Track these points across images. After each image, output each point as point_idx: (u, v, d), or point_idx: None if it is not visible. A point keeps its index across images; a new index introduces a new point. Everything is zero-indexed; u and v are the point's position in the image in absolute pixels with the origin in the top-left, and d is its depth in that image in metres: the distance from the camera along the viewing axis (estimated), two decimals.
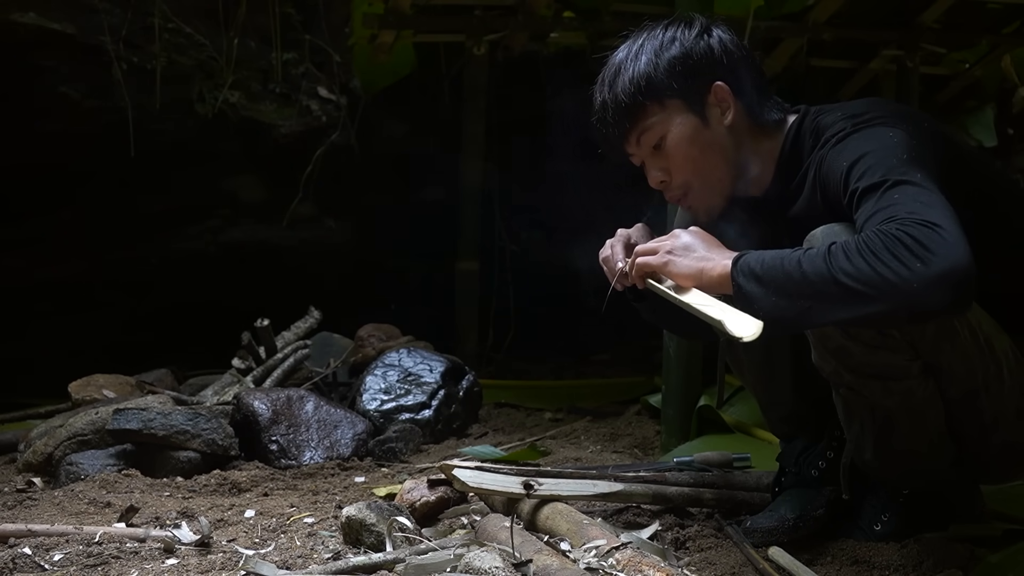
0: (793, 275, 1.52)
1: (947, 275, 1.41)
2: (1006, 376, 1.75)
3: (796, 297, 1.51)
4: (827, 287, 1.48)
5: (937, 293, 1.42)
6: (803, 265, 1.51)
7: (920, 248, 1.42)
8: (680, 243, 1.72)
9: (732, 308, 1.57)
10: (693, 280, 1.66)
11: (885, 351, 1.69)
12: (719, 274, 1.62)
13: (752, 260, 1.58)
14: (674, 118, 1.84)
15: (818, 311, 1.51)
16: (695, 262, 1.67)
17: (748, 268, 1.57)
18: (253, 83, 4.40)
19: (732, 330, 1.51)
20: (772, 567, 1.75)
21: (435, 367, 3.43)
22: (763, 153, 1.88)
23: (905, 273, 1.42)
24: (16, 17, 3.80)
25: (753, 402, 2.47)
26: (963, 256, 1.42)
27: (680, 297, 1.68)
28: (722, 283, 1.62)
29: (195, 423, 2.77)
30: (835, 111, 1.80)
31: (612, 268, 1.89)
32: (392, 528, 1.83)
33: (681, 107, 1.84)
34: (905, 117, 1.71)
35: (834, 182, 1.67)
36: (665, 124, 1.85)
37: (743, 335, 1.50)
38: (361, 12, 4.34)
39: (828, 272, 1.48)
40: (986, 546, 1.78)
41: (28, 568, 1.77)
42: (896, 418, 1.78)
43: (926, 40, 4.60)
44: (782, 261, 1.54)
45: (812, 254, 1.52)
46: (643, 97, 1.84)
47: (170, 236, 4.54)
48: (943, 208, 1.48)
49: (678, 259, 1.70)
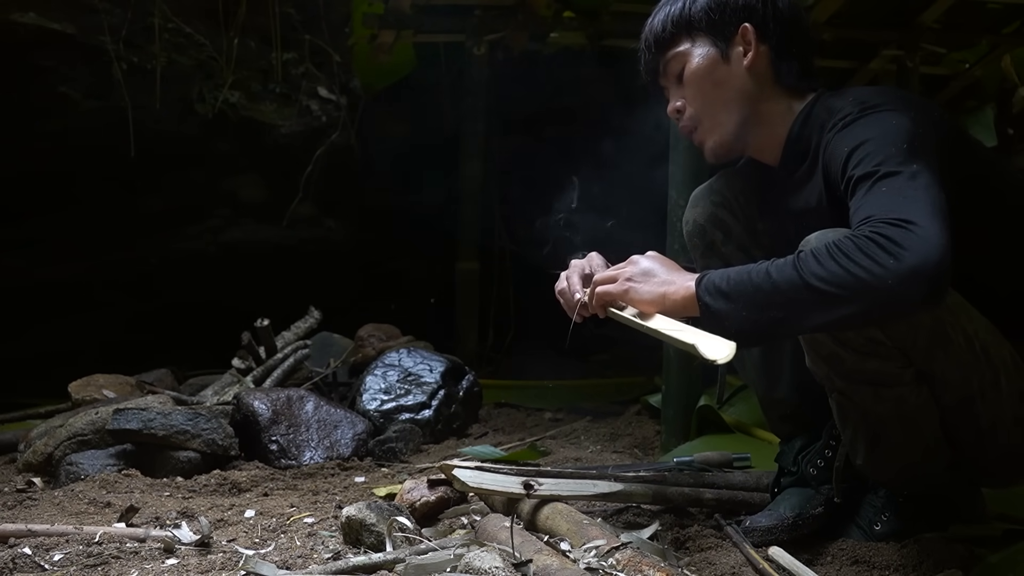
0: (762, 286, 1.51)
1: (919, 269, 1.41)
2: (1003, 384, 1.74)
3: (767, 308, 1.51)
4: (799, 293, 1.48)
5: (911, 288, 1.42)
6: (772, 275, 1.51)
7: (892, 245, 1.42)
8: (639, 269, 1.72)
9: (701, 331, 1.55)
10: (656, 306, 1.66)
11: (876, 358, 1.69)
12: (683, 296, 1.61)
13: (716, 278, 1.58)
14: (697, 50, 1.91)
15: (792, 319, 1.51)
16: (656, 287, 1.67)
17: (713, 286, 1.57)
18: (253, 83, 4.40)
19: (705, 354, 1.50)
20: (772, 567, 1.74)
21: (435, 367, 3.43)
22: (776, 115, 1.90)
23: (877, 270, 1.42)
24: (16, 17, 3.81)
25: (753, 402, 2.47)
26: (935, 250, 1.42)
27: (646, 323, 1.65)
28: (687, 305, 1.61)
29: (195, 423, 2.77)
30: (846, 95, 1.81)
31: (569, 301, 1.89)
32: (392, 528, 1.83)
33: (706, 41, 1.90)
34: (914, 105, 1.71)
35: (835, 166, 1.68)
36: (688, 55, 1.91)
37: (717, 358, 1.49)
38: (361, 12, 4.35)
39: (799, 278, 1.48)
40: (986, 546, 1.78)
41: (28, 568, 1.77)
42: (888, 424, 1.78)
43: (926, 40, 4.60)
44: (749, 274, 1.54)
45: (780, 263, 1.52)
46: (673, 27, 1.92)
47: (170, 236, 4.54)
48: (926, 203, 1.47)
49: (639, 285, 1.69)
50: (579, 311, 1.86)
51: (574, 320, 1.88)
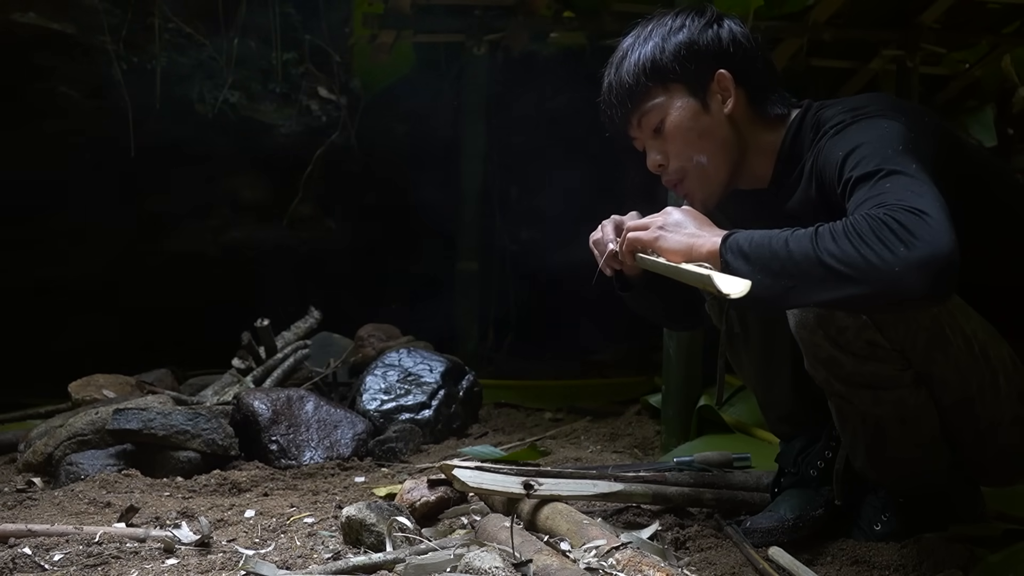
0: (779, 254, 1.52)
1: (929, 261, 1.41)
2: (1002, 384, 1.74)
3: (780, 276, 1.51)
4: (812, 267, 1.48)
5: (917, 279, 1.41)
6: (790, 244, 1.51)
7: (905, 233, 1.42)
8: (671, 219, 1.73)
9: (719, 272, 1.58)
10: (682, 255, 1.67)
11: (875, 361, 1.69)
12: (708, 251, 1.62)
13: (741, 238, 1.59)
14: (675, 101, 1.86)
15: (801, 291, 1.52)
16: (685, 238, 1.68)
17: (736, 245, 1.58)
18: (253, 83, 4.41)
19: (721, 287, 1.51)
20: (772, 567, 1.74)
21: (435, 367, 3.43)
22: (764, 146, 1.88)
23: (888, 256, 1.42)
24: (16, 17, 3.81)
25: (753, 402, 2.47)
26: (946, 244, 1.41)
27: (669, 264, 1.68)
28: (711, 259, 1.62)
29: (195, 423, 2.77)
30: (837, 105, 1.80)
31: (602, 249, 1.90)
32: (392, 528, 1.83)
33: (683, 91, 1.86)
34: (904, 110, 1.71)
35: (829, 171, 1.67)
36: (666, 107, 1.86)
37: (731, 292, 1.50)
38: (361, 12, 4.35)
39: (814, 252, 1.48)
40: (986, 546, 1.78)
41: (28, 568, 1.77)
42: (887, 426, 1.78)
43: (926, 40, 4.60)
44: (770, 240, 1.54)
45: (800, 234, 1.52)
46: (646, 79, 1.86)
47: (170, 236, 4.54)
48: (933, 197, 1.48)
49: (669, 234, 1.70)
50: (608, 261, 1.87)
51: (600, 268, 1.90)
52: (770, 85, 1.89)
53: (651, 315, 2.12)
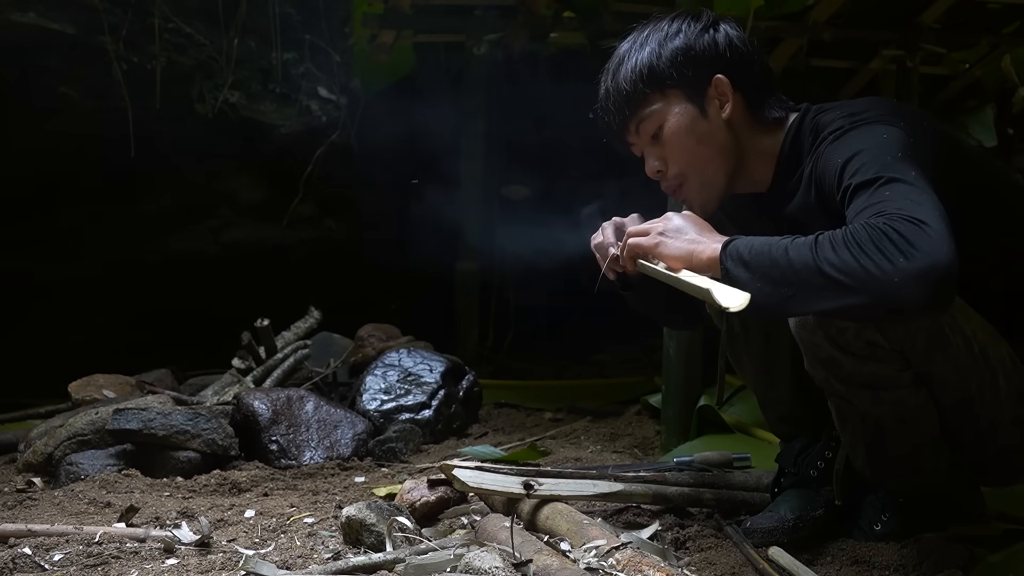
0: (779, 262, 1.52)
1: (928, 272, 1.41)
2: (1002, 384, 1.74)
3: (780, 284, 1.51)
4: (811, 276, 1.48)
5: (916, 289, 1.41)
6: (790, 253, 1.51)
7: (904, 243, 1.42)
8: (672, 225, 1.73)
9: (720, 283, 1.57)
10: (683, 262, 1.67)
11: (875, 362, 1.69)
12: (708, 257, 1.63)
13: (741, 245, 1.59)
14: (673, 107, 1.85)
15: (800, 299, 1.52)
16: (686, 244, 1.68)
17: (736, 253, 1.58)
18: (253, 83, 4.41)
19: (720, 300, 1.51)
20: (772, 567, 1.74)
21: (435, 367, 3.43)
22: (763, 150, 1.88)
23: (887, 267, 1.42)
24: (16, 17, 3.81)
25: (753, 402, 2.47)
26: (946, 254, 1.42)
27: (671, 274, 1.69)
28: (711, 266, 1.62)
29: (195, 423, 2.77)
30: (835, 109, 1.80)
31: (604, 253, 1.90)
32: (392, 528, 1.83)
33: (680, 97, 1.85)
34: (903, 115, 1.71)
35: (829, 178, 1.67)
36: (664, 113, 1.86)
37: (731, 306, 1.51)
38: (361, 12, 4.35)
39: (813, 262, 1.48)
40: (986, 546, 1.78)
41: (28, 568, 1.77)
42: (887, 426, 1.78)
43: (926, 40, 4.60)
44: (770, 248, 1.55)
45: (800, 243, 1.52)
46: (643, 85, 1.85)
47: (170, 236, 4.54)
48: (932, 206, 1.47)
49: (669, 240, 1.70)
50: (611, 265, 1.88)
51: (603, 272, 1.91)
52: (767, 89, 1.89)
53: (652, 314, 2.13)
